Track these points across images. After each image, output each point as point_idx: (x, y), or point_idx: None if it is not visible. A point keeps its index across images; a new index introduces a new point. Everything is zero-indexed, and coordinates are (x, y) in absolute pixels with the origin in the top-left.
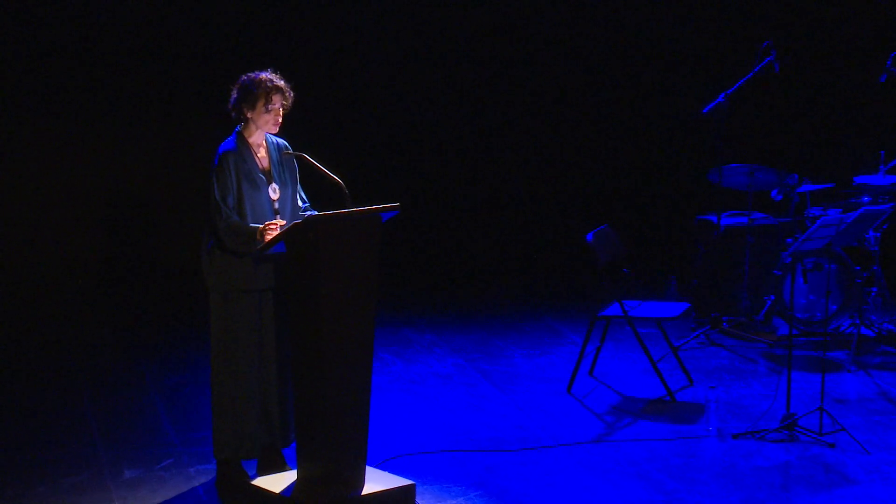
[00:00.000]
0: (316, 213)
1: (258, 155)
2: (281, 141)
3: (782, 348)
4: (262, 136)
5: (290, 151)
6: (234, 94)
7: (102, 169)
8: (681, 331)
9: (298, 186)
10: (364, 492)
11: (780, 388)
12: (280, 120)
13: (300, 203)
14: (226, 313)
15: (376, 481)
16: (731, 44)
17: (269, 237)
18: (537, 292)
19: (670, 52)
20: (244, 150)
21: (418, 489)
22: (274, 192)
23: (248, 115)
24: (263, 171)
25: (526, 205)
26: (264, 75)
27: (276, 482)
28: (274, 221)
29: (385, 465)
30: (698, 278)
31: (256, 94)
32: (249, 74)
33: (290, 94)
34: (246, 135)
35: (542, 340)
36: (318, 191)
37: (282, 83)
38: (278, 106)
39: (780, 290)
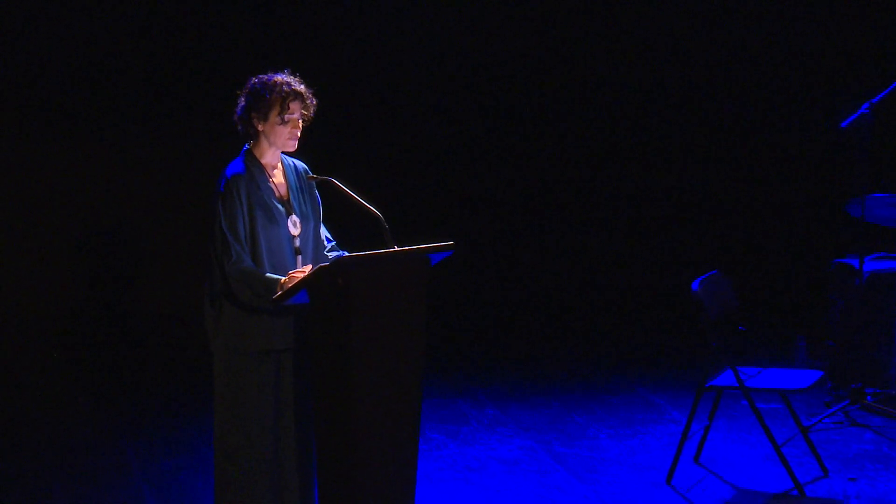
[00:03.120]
0: (346, 253)
1: (273, 179)
2: (300, 163)
3: None
4: (277, 155)
5: (314, 175)
6: (242, 102)
7: (76, 194)
8: (812, 406)
9: (321, 221)
10: None
11: None
12: (298, 134)
13: (324, 241)
14: (236, 381)
15: None
16: (877, 42)
17: (289, 284)
18: (628, 356)
19: (799, 53)
20: (256, 173)
21: None
22: (294, 226)
23: (259, 127)
24: (281, 200)
25: (614, 244)
26: (280, 77)
27: None
28: (300, 270)
29: None
30: (835, 339)
31: (269, 101)
32: (261, 77)
33: (313, 102)
34: (257, 154)
35: (633, 417)
36: (350, 225)
37: (301, 87)
38: (297, 116)
39: None
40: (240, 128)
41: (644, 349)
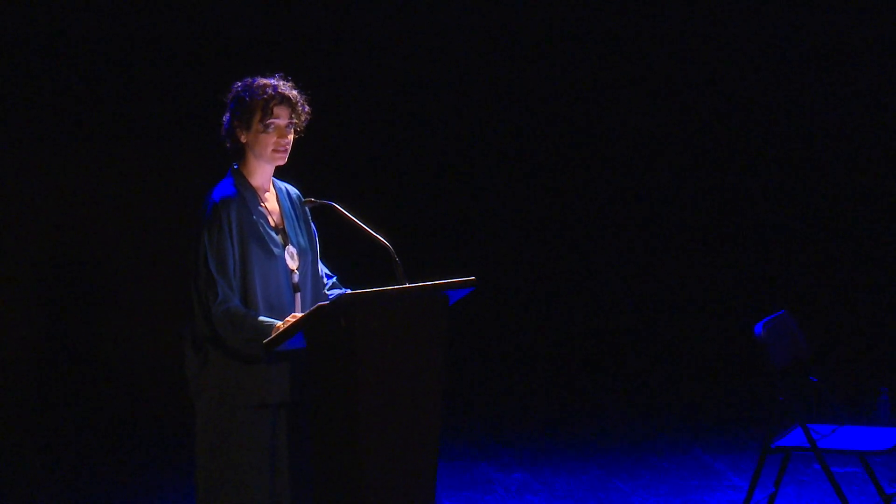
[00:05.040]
0: (349, 291)
1: (266, 204)
2: (292, 189)
3: None
4: (268, 175)
5: (312, 199)
6: (227, 113)
7: (36, 223)
8: None
9: (318, 255)
10: None
11: None
12: (288, 145)
13: (323, 278)
14: (224, 441)
15: None
16: None
17: (281, 327)
18: (680, 411)
19: (873, 70)
20: (248, 196)
21: None
22: (291, 258)
23: (243, 138)
24: (276, 229)
25: (662, 279)
26: (265, 80)
27: None
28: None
29: None
30: None
31: (251, 106)
32: (246, 80)
33: (305, 110)
34: (245, 173)
35: (687, 483)
36: (354, 258)
37: (290, 92)
38: (283, 123)
39: None
40: (228, 144)
41: (699, 403)
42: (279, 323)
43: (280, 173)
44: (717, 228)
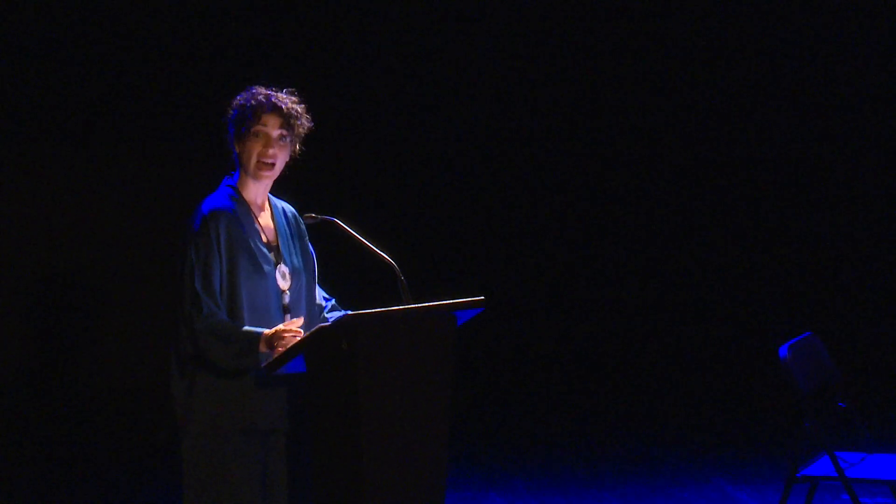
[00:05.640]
0: (350, 312)
1: (259, 220)
2: (288, 207)
3: None
4: (262, 190)
5: (313, 215)
6: (228, 127)
7: (23, 240)
8: None
9: (315, 279)
10: None
11: None
12: (273, 158)
13: (321, 301)
14: (213, 469)
15: None
16: None
17: (280, 350)
18: (700, 438)
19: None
20: (241, 210)
21: None
22: (283, 277)
23: (237, 149)
24: (268, 246)
25: (681, 298)
26: (262, 88)
27: None
28: (288, 324)
29: None
30: None
31: (242, 113)
32: (249, 88)
33: (301, 123)
34: (238, 185)
35: None
36: (357, 276)
37: (284, 103)
38: (273, 133)
39: None
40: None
41: (720, 429)
42: (267, 331)
43: (278, 186)
44: (741, 247)
